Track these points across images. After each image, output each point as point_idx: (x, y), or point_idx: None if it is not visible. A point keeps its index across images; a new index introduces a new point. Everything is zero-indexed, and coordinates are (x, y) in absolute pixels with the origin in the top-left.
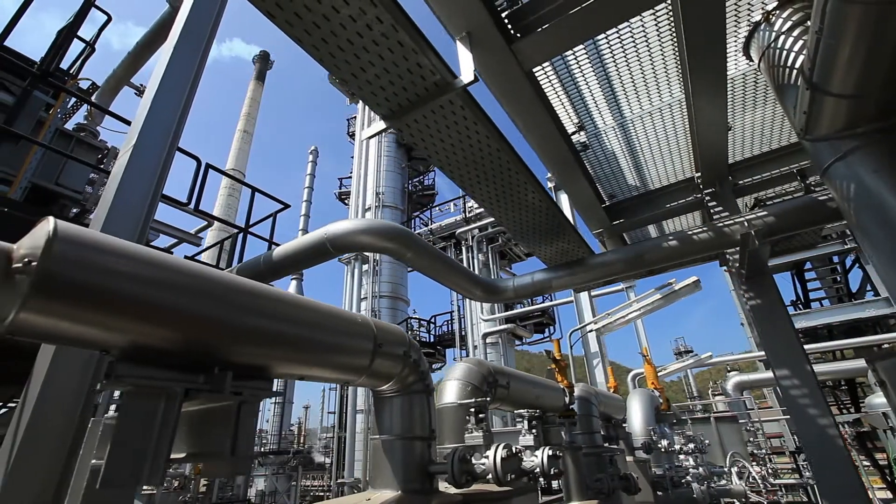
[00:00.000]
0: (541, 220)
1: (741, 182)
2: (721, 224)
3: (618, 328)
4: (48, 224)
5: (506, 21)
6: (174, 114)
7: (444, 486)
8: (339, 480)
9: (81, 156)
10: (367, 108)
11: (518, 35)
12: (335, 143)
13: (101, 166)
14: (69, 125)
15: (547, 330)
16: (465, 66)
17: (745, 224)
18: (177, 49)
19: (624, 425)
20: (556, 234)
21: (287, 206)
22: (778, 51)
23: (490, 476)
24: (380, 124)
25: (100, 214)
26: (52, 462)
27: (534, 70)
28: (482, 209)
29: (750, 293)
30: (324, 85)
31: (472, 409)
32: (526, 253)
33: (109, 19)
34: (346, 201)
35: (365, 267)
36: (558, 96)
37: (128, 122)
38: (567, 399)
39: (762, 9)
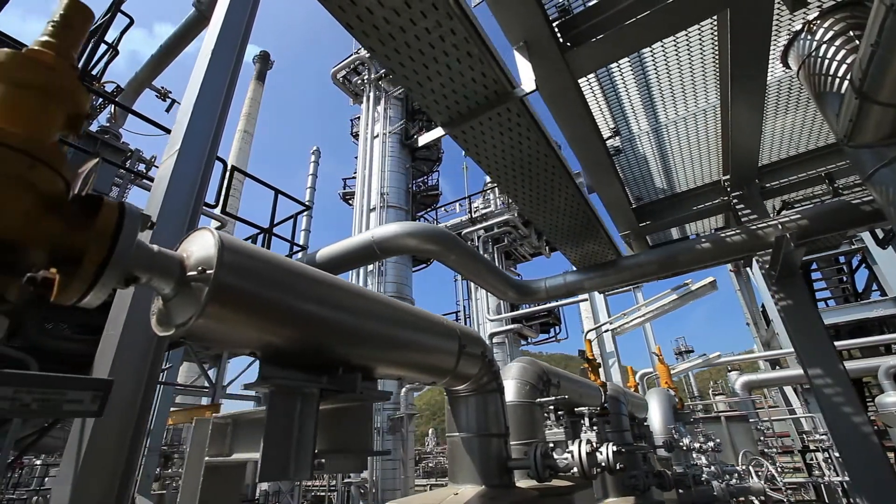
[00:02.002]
0: (575, 222)
1: (768, 185)
2: (754, 226)
3: (632, 328)
4: (212, 235)
5: (556, 31)
6: (212, 122)
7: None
8: (346, 480)
9: (107, 157)
10: (370, 108)
11: (568, 44)
12: (336, 143)
13: (133, 169)
14: (91, 127)
15: (552, 330)
16: (526, 75)
17: (780, 227)
18: (214, 55)
19: (646, 424)
20: (588, 235)
21: (308, 206)
22: (819, 59)
23: (575, 470)
24: (438, 131)
25: (151, 213)
26: (118, 456)
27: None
28: (488, 210)
29: (781, 294)
30: (324, 85)
31: (551, 407)
32: (531, 253)
33: (132, 22)
34: (350, 201)
35: (370, 267)
36: (597, 102)
37: (162, 128)
38: (602, 397)
39: (803, 19)
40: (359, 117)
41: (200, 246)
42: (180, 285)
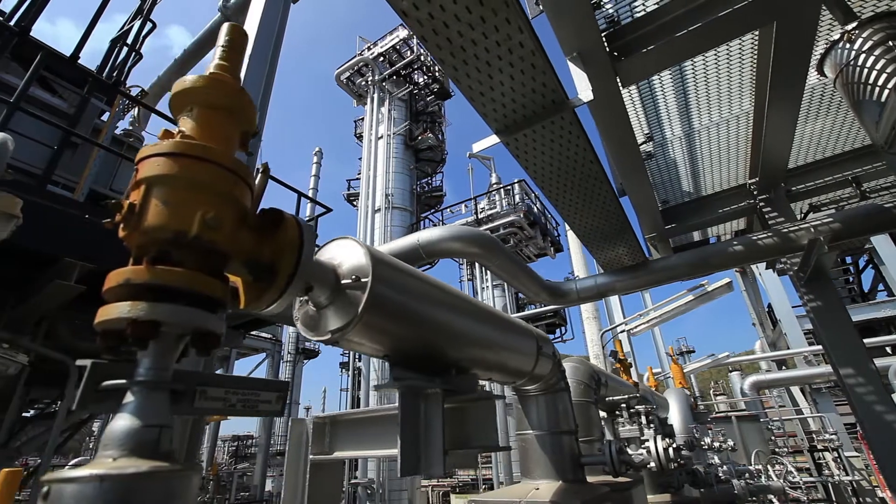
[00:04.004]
0: (609, 225)
1: (794, 188)
2: (786, 229)
3: (647, 329)
4: (359, 244)
5: (605, 42)
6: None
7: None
8: (352, 481)
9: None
10: (375, 110)
11: (615, 54)
12: (338, 144)
13: None
14: (116, 130)
15: (558, 331)
16: (582, 85)
17: (812, 230)
18: (249, 66)
19: (670, 423)
20: (618, 238)
21: (329, 209)
22: (858, 68)
23: (652, 465)
24: (493, 138)
25: None
26: (179, 455)
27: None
28: (493, 211)
29: (810, 296)
30: (326, 87)
31: (623, 405)
32: (536, 254)
33: (154, 27)
34: (354, 202)
35: None
36: (634, 108)
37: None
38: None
39: (841, 28)
40: (362, 118)
41: (349, 255)
42: (335, 293)
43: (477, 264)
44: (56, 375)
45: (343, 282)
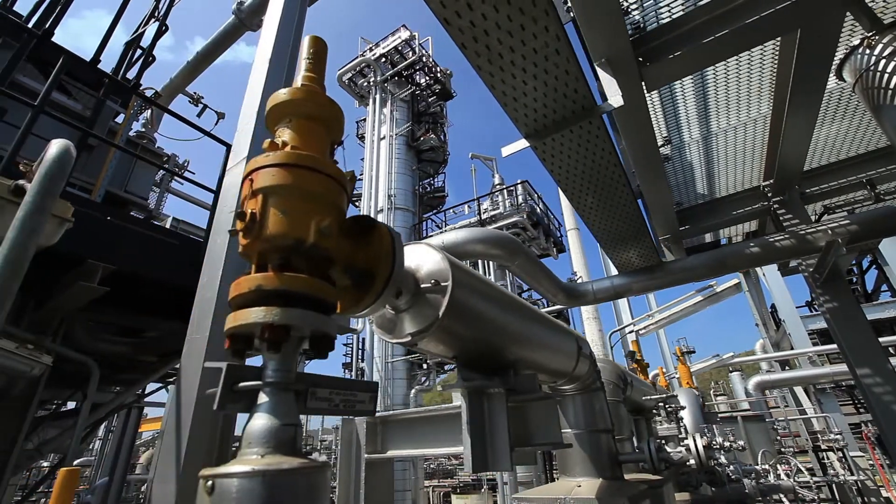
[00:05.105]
0: (627, 227)
1: (808, 190)
2: (803, 231)
3: (655, 330)
4: (434, 249)
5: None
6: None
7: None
8: None
9: (146, 163)
10: (377, 110)
11: (640, 59)
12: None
13: (176, 173)
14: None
15: None
16: (612, 90)
17: (830, 232)
18: (272, 60)
19: (683, 423)
20: (635, 240)
21: None
22: (879, 73)
23: (692, 462)
24: (521, 142)
25: (222, 223)
26: (209, 457)
27: None
28: (497, 211)
29: (826, 296)
30: (328, 87)
31: (661, 403)
32: (539, 255)
33: (166, 29)
34: (356, 203)
35: None
36: (655, 112)
37: (217, 139)
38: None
39: (862, 34)
40: (364, 119)
41: (426, 260)
42: (415, 297)
43: (479, 262)
44: (66, 376)
45: (422, 286)
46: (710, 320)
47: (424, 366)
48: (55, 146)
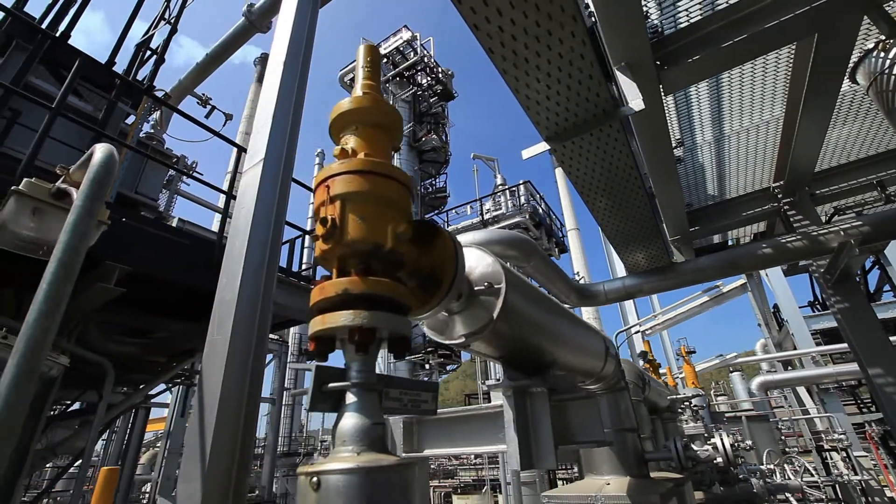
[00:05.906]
0: (640, 229)
1: (818, 192)
2: (815, 232)
3: (660, 330)
4: (486, 252)
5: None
6: (285, 129)
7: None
8: None
9: (156, 164)
10: None
11: (658, 63)
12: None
13: (188, 174)
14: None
15: None
16: (632, 94)
17: (842, 233)
18: (284, 73)
19: None
20: (647, 241)
21: None
22: (894, 77)
23: (719, 460)
24: (542, 145)
25: (240, 224)
26: (232, 456)
27: None
28: (499, 212)
29: (837, 297)
30: (329, 88)
31: (686, 403)
32: None
33: (175, 31)
34: None
35: None
36: (669, 115)
37: (230, 140)
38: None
39: (876, 38)
40: None
41: (477, 263)
42: (468, 300)
43: None
44: (75, 377)
45: (476, 288)
46: (709, 321)
47: (427, 366)
48: (100, 151)
